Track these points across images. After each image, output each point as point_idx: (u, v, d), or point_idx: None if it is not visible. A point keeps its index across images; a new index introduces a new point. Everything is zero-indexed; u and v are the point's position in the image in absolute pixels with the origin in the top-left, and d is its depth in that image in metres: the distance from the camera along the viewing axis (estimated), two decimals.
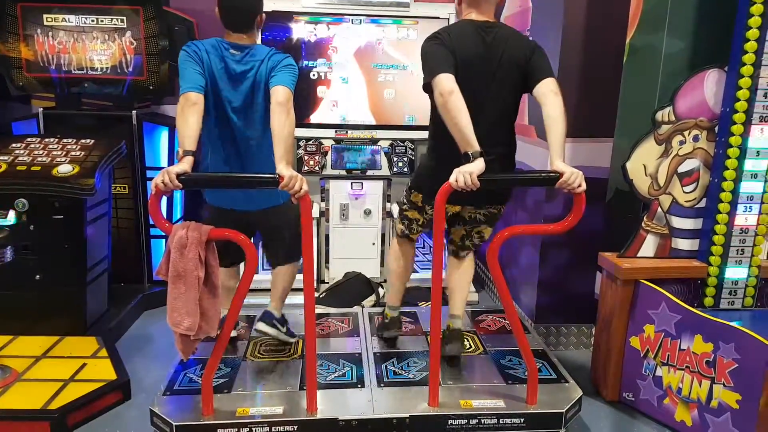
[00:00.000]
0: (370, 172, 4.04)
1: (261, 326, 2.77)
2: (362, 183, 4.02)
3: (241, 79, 2.47)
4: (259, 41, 2.62)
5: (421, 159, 2.79)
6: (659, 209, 2.70)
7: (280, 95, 2.32)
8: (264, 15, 2.60)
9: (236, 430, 2.29)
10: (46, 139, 3.40)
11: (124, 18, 3.64)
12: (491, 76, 2.40)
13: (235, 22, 2.50)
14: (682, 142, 2.64)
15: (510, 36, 2.43)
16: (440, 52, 2.33)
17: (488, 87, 2.40)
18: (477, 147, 2.18)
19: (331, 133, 4.07)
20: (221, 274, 2.77)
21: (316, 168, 3.97)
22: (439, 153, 2.55)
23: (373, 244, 4.10)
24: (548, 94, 2.30)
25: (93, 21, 3.64)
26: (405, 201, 2.84)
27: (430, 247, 3.86)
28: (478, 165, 2.16)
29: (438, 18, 3.95)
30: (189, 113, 2.28)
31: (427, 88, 2.32)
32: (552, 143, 2.25)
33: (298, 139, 3.97)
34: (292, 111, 2.34)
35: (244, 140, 2.54)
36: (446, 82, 2.22)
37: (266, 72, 2.44)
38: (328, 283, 4.03)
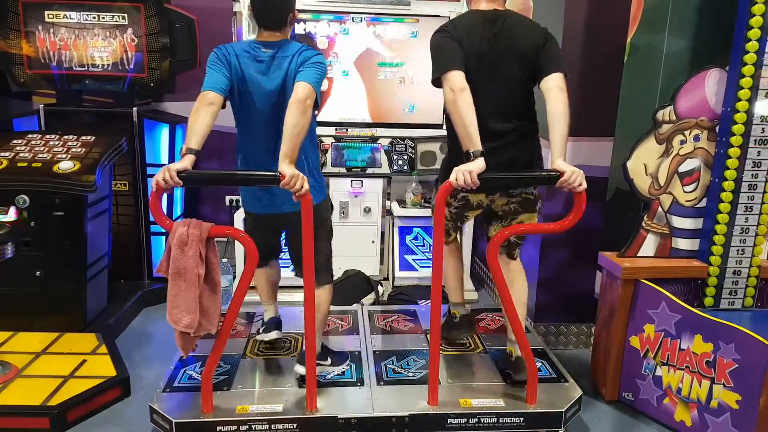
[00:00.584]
0: (370, 170, 4.04)
1: (300, 369, 2.52)
2: (362, 181, 4.02)
3: (273, 78, 2.40)
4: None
5: (448, 151, 2.74)
6: (660, 209, 2.70)
7: (300, 92, 2.23)
8: (296, 12, 2.50)
9: (236, 427, 2.29)
10: (47, 136, 3.41)
11: (126, 15, 3.64)
12: (497, 67, 2.38)
13: (268, 21, 2.43)
14: (682, 142, 2.64)
15: (518, 24, 2.39)
16: (450, 47, 2.32)
17: (495, 77, 2.38)
18: (479, 146, 2.19)
19: (331, 130, 4.07)
20: (262, 275, 2.76)
21: None
22: (456, 148, 2.45)
23: (373, 242, 4.10)
24: (553, 89, 2.27)
25: (94, 18, 3.64)
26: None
27: (430, 245, 3.86)
28: (478, 164, 2.17)
29: (438, 16, 3.94)
30: (203, 112, 2.23)
31: (437, 82, 2.33)
32: (554, 141, 2.24)
33: None
34: (309, 110, 2.24)
35: (277, 138, 2.41)
36: (457, 79, 2.24)
37: (295, 68, 2.36)
38: None
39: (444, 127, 2.68)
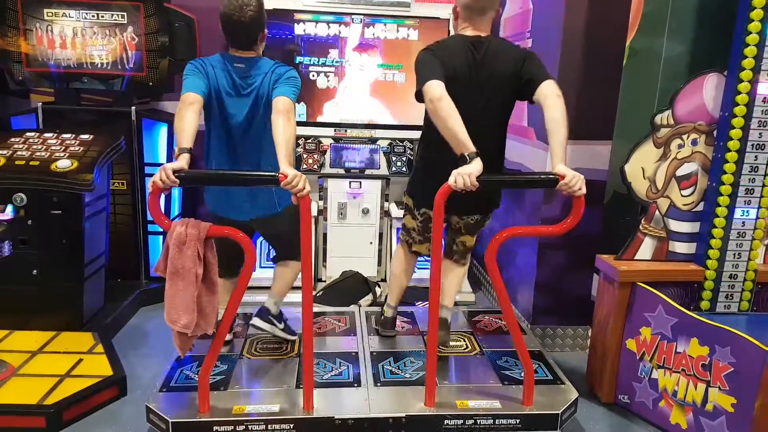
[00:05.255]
0: (368, 171, 4.04)
1: (256, 321, 2.83)
2: (360, 182, 4.02)
3: (246, 92, 2.52)
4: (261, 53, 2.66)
5: (414, 164, 2.82)
6: (657, 212, 2.71)
7: (281, 104, 2.36)
8: (266, 31, 2.63)
9: (232, 427, 2.29)
10: (45, 134, 3.40)
11: (125, 14, 3.64)
12: (479, 91, 2.44)
13: (239, 42, 2.54)
14: (680, 146, 2.65)
15: (501, 50, 2.47)
16: (431, 62, 2.37)
17: (476, 102, 2.43)
18: (473, 148, 2.19)
19: (330, 131, 4.07)
20: (224, 285, 2.75)
21: (315, 166, 3.97)
22: (428, 160, 2.63)
23: (371, 243, 4.10)
24: (550, 96, 2.30)
25: (93, 16, 3.64)
26: (403, 206, 2.88)
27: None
28: (476, 166, 2.16)
29: (438, 18, 3.95)
30: (185, 112, 2.30)
31: (419, 96, 2.35)
32: (553, 146, 2.26)
33: (297, 137, 3.97)
34: (292, 119, 2.37)
35: (244, 154, 2.58)
36: (435, 88, 2.25)
37: (269, 84, 2.48)
38: (325, 281, 4.03)
39: (421, 138, 2.71)
